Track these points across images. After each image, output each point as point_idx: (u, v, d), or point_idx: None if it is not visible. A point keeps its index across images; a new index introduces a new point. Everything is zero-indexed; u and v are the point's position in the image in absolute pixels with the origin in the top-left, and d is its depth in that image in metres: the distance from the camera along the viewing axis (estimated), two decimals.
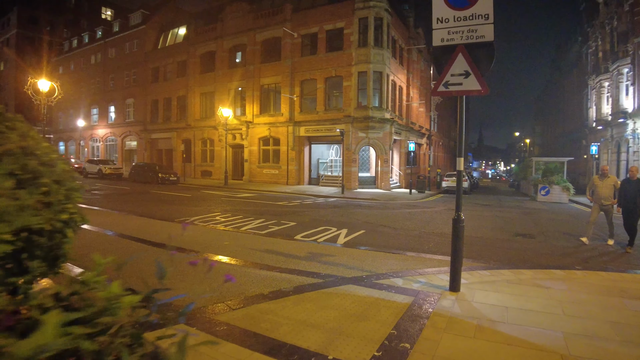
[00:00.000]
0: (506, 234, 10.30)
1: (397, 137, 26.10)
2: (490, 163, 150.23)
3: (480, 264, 6.57)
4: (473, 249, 7.94)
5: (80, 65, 44.85)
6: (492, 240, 9.20)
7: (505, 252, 7.92)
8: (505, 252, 7.92)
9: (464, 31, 4.62)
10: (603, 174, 8.82)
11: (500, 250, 8.10)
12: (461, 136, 4.85)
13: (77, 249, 5.60)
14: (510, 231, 10.74)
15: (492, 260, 7.03)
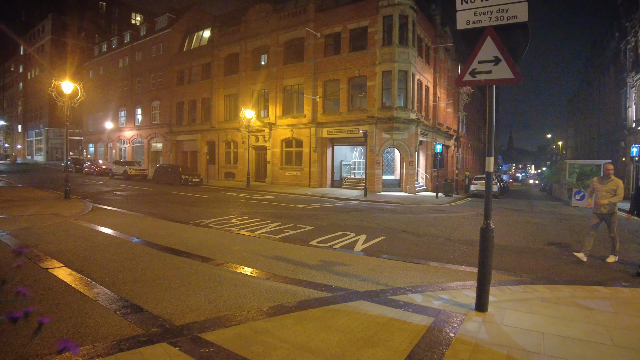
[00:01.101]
0: (539, 242, 9.47)
1: (423, 138, 25.24)
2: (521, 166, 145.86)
3: (511, 278, 5.89)
4: (503, 260, 7.23)
5: (109, 69, 45.93)
6: (523, 250, 8.43)
7: (539, 264, 7.17)
8: (539, 264, 7.17)
9: (492, 11, 4.01)
10: (606, 175, 7.47)
11: (533, 261, 7.35)
12: (491, 132, 4.22)
13: (73, 251, 5.18)
14: (543, 239, 9.89)
15: (525, 273, 6.31)
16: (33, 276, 5.36)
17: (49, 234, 8.42)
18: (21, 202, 13.97)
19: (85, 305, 4.26)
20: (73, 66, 47.66)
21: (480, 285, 4.13)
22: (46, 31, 55.63)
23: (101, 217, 11.19)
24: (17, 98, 65.73)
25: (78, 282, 5.09)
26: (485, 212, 4.15)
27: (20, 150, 64.51)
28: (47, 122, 53.62)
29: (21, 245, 4.29)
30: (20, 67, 65.01)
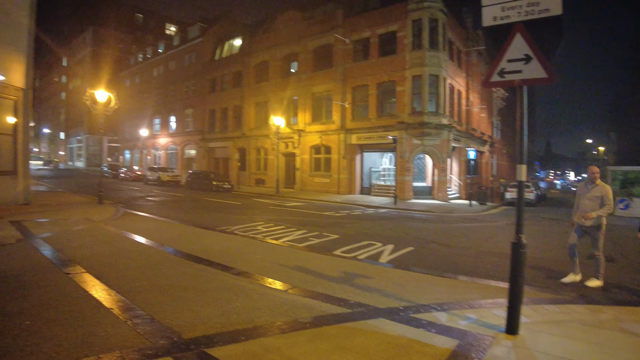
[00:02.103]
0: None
1: (455, 144, 24.50)
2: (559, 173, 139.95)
3: (546, 295, 5.44)
4: (538, 275, 6.75)
5: (145, 77, 47.50)
6: (561, 263, 7.85)
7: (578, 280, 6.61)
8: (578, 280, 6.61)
9: (522, 5, 3.68)
10: (591, 179, 6.23)
11: None
12: (522, 138, 3.86)
13: (96, 257, 5.17)
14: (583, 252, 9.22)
15: (562, 290, 5.82)
16: (54, 281, 5.40)
17: (77, 238, 8.58)
18: (58, 206, 14.45)
19: (98, 314, 4.20)
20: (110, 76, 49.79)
21: (511, 306, 3.77)
22: (87, 43, 58.27)
23: (130, 223, 11.36)
24: (60, 107, 69.06)
25: (96, 288, 5.06)
26: (517, 225, 3.79)
27: (63, 156, 67.63)
28: (87, 130, 55.98)
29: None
30: (63, 78, 68.32)
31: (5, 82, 13.43)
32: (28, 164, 15.21)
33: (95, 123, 48.87)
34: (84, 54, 58.90)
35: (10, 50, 14.05)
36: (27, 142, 15.07)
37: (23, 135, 14.69)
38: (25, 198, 14.64)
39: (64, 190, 22.00)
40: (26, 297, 4.69)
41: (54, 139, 72.03)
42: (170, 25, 65.63)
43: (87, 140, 57.86)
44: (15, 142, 14.44)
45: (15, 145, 14.45)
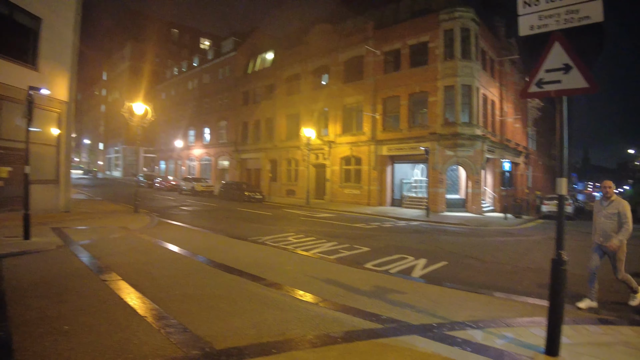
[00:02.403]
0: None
1: (489, 155, 23.90)
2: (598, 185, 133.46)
3: (588, 315, 5.16)
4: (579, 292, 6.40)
5: (180, 90, 49.04)
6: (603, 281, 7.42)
7: (621, 298, 6.22)
8: (621, 298, 6.22)
9: (560, 13, 3.57)
10: (604, 194, 5.74)
11: (615, 296, 6.40)
12: (562, 150, 3.72)
13: (132, 265, 5.34)
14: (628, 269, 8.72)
15: (605, 310, 5.51)
16: (92, 287, 5.59)
17: (113, 246, 8.88)
18: (96, 214, 15.03)
19: (132, 321, 4.31)
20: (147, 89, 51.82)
21: (551, 326, 3.59)
22: (125, 58, 61.01)
23: (164, 232, 11.64)
24: (99, 119, 72.34)
25: (131, 296, 5.20)
26: (557, 241, 3.63)
27: (101, 166, 70.58)
28: (124, 141, 58.25)
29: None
30: (103, 91, 71.74)
31: (50, 95, 14.17)
32: (69, 173, 15.96)
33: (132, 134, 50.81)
34: (123, 68, 61.63)
35: (56, 66, 14.87)
36: (69, 153, 15.82)
37: (65, 146, 15.46)
38: (66, 206, 15.33)
39: (101, 199, 22.87)
40: (65, 302, 4.87)
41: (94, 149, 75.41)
42: (205, 40, 67.83)
43: (124, 151, 60.18)
44: (58, 153, 15.21)
45: (58, 156, 15.21)
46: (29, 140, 9.51)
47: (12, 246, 8.15)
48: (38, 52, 14.15)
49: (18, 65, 13.36)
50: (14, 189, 13.19)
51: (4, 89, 12.77)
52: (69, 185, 15.75)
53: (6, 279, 5.84)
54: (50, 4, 14.52)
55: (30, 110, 9.43)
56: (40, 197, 14.19)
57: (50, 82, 14.38)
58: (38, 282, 5.73)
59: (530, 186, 31.62)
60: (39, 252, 7.84)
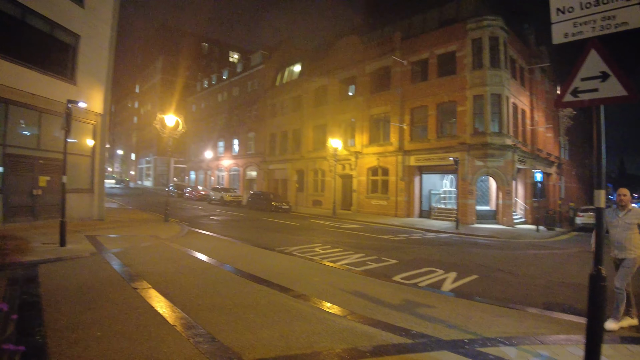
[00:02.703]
0: None
1: (520, 165, 23.27)
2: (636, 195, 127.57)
3: (630, 332, 4.89)
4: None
5: (209, 103, 50.21)
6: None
7: None
8: None
9: (596, 20, 3.46)
10: (620, 204, 5.32)
11: None
12: (599, 160, 3.58)
13: (162, 273, 5.46)
14: None
15: None
16: (123, 294, 5.73)
17: (144, 254, 9.10)
18: (128, 223, 15.47)
19: (162, 329, 4.38)
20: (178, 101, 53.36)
21: (590, 345, 3.43)
22: (157, 71, 63.15)
23: (193, 241, 11.85)
24: (132, 130, 74.92)
25: (161, 304, 5.30)
26: (596, 256, 3.48)
27: (133, 176, 72.82)
28: (156, 152, 59.97)
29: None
30: (136, 103, 74.43)
31: (87, 108, 14.81)
32: (103, 183, 16.55)
33: (163, 145, 52.39)
34: (155, 81, 63.74)
35: (92, 80, 15.56)
36: (102, 163, 16.43)
37: (99, 156, 16.07)
38: (99, 214, 15.87)
39: (133, 208, 23.53)
40: (98, 309, 5.01)
41: (126, 160, 78.00)
42: (234, 53, 69.42)
43: (155, 161, 61.93)
44: (92, 163, 15.82)
45: (93, 166, 15.82)
46: (66, 151, 9.93)
47: (48, 252, 8.51)
48: (76, 67, 14.87)
49: (58, 80, 14.07)
50: (51, 197, 13.79)
51: (45, 102, 13.44)
52: (102, 194, 16.32)
53: (43, 284, 6.08)
54: (89, 22, 15.26)
55: (68, 123, 9.87)
56: (76, 205, 14.76)
57: (87, 95, 15.05)
58: (72, 289, 5.92)
59: (563, 197, 30.54)
60: (73, 259, 8.14)
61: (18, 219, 12.79)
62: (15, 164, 12.79)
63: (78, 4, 14.82)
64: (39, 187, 13.55)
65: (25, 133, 13.42)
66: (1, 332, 2.48)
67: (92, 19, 15.44)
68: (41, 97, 13.33)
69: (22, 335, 4.00)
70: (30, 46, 13.21)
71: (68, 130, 9.94)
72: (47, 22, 13.58)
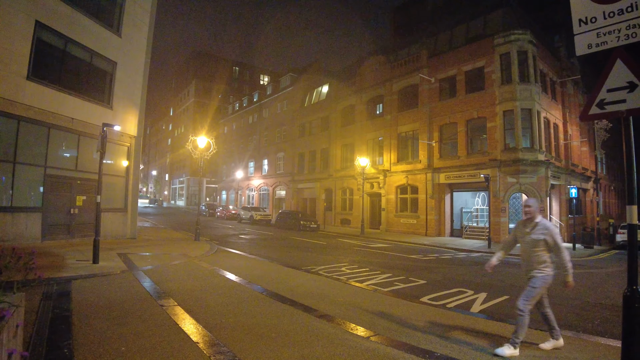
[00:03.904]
0: None
1: (554, 181, 22.46)
2: None
3: None
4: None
5: (241, 124, 51.45)
6: None
7: None
8: None
9: (621, 29, 3.36)
10: (526, 216, 4.84)
11: None
12: (630, 174, 3.41)
13: (189, 291, 5.54)
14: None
15: None
16: (150, 311, 5.83)
17: (173, 272, 9.26)
18: (159, 241, 15.83)
19: (184, 346, 4.43)
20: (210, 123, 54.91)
21: None
22: (190, 95, 65.49)
23: (222, 259, 11.97)
24: (166, 151, 77.51)
25: (185, 322, 5.36)
26: (630, 275, 3.28)
27: (166, 195, 74.82)
28: (189, 172, 61.63)
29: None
30: (170, 126, 77.17)
31: (121, 131, 15.46)
32: (136, 202, 17.08)
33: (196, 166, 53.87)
34: (188, 104, 66.03)
35: (127, 104, 16.26)
36: (136, 183, 16.99)
37: (133, 177, 16.65)
38: (132, 233, 16.34)
39: (165, 227, 24.09)
40: (124, 325, 5.12)
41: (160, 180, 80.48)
42: (264, 76, 71.23)
43: (188, 181, 63.58)
44: (126, 183, 16.39)
45: (127, 186, 16.39)
46: (101, 172, 10.35)
47: (82, 269, 8.81)
48: (112, 92, 15.64)
49: (95, 105, 14.82)
50: (87, 216, 14.37)
51: (82, 125, 14.13)
52: (135, 213, 16.83)
53: (74, 299, 6.28)
54: (124, 49, 16.07)
55: (103, 145, 10.30)
56: (110, 224, 15.29)
57: (122, 118, 15.75)
58: (102, 304, 6.09)
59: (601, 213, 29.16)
60: (105, 276, 8.38)
61: (56, 237, 13.38)
62: (54, 184, 13.46)
63: (115, 33, 15.66)
64: (75, 206, 14.15)
65: (64, 155, 14.12)
66: None
67: (127, 47, 16.25)
68: (80, 121, 14.05)
69: (51, 348, 4.13)
70: (71, 73, 14.03)
71: (103, 152, 10.37)
72: (87, 50, 14.39)
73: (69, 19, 13.52)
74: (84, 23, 14.10)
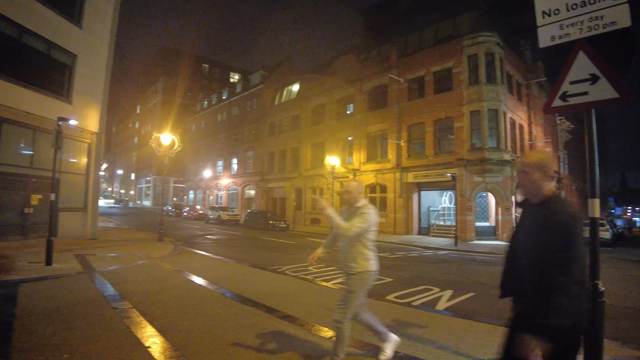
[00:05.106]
0: None
1: None
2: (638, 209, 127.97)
3: (631, 352, 4.60)
4: (620, 326, 5.84)
5: (209, 123, 50.51)
6: None
7: None
8: None
9: (583, 21, 3.30)
10: (347, 196, 3.98)
11: None
12: (592, 168, 3.36)
13: (147, 293, 5.17)
14: None
15: None
16: (101, 315, 5.47)
17: (132, 274, 8.83)
18: (121, 242, 15.20)
19: (134, 352, 4.15)
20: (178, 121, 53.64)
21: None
22: (158, 92, 63.84)
23: (186, 260, 11.55)
24: (132, 150, 75.27)
25: (138, 325, 5.05)
26: (591, 270, 3.23)
27: (132, 195, 72.69)
28: (155, 171, 60.17)
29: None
30: (136, 124, 75.10)
31: (81, 126, 14.72)
32: (97, 202, 16.33)
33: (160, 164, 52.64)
34: (155, 102, 64.34)
35: (88, 99, 15.50)
36: (97, 182, 16.24)
37: (94, 175, 15.89)
38: (92, 233, 15.61)
39: (129, 227, 23.27)
40: (71, 330, 4.76)
41: (126, 180, 78.14)
42: (234, 74, 70.30)
43: (154, 181, 61.98)
44: (87, 182, 15.63)
45: (87, 184, 15.63)
46: (55, 169, 9.77)
47: (32, 271, 8.26)
48: (72, 86, 14.84)
49: (53, 99, 14.02)
50: (43, 216, 13.59)
51: (39, 121, 13.35)
52: (96, 213, 16.09)
53: (20, 304, 5.83)
54: (86, 42, 15.30)
55: (58, 140, 9.72)
56: (68, 224, 14.53)
57: (83, 114, 15.00)
58: (50, 308, 5.66)
59: None
60: (57, 278, 7.88)
61: (8, 238, 12.58)
62: (7, 183, 12.65)
63: (76, 25, 14.89)
64: (30, 205, 13.36)
65: (19, 151, 13.29)
66: None
67: (89, 39, 15.49)
68: (36, 116, 13.25)
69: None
70: (26, 65, 13.20)
71: (58, 148, 9.79)
72: (44, 41, 13.60)
73: (25, 6, 12.73)
74: (41, 12, 13.30)
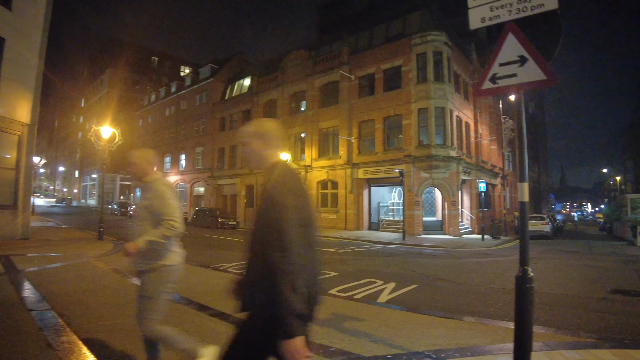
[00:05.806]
0: (601, 290, 8.00)
1: (465, 177, 23.83)
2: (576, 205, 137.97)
3: (565, 338, 4.69)
4: (555, 313, 5.99)
5: (157, 117, 48.51)
6: (581, 299, 7.07)
7: (601, 317, 5.85)
8: (601, 317, 5.85)
9: (512, 3, 3.24)
10: (133, 169, 3.30)
11: (593, 314, 6.03)
12: (522, 151, 3.33)
13: (71, 293, 4.59)
14: (606, 286, 8.37)
15: (583, 331, 5.07)
16: (13, 318, 4.94)
17: (61, 274, 8.19)
18: (56, 241, 14.16)
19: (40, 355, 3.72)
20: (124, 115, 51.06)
21: (518, 352, 3.10)
22: (104, 85, 60.52)
23: (123, 259, 10.86)
24: (76, 146, 70.86)
25: (53, 328, 4.54)
26: (521, 256, 3.18)
27: (76, 194, 68.56)
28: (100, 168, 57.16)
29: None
30: (81, 118, 70.60)
31: (10, 117, 13.50)
32: (29, 198, 15.06)
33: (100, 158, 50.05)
34: (101, 95, 61.00)
35: (17, 87, 14.19)
36: (29, 177, 14.94)
37: (25, 170, 14.58)
38: (24, 233, 14.35)
39: (69, 227, 21.88)
40: None
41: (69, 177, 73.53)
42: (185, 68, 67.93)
43: (100, 179, 58.76)
44: (17, 177, 14.31)
45: (17, 180, 14.31)
46: None
47: None
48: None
49: None
50: None
51: None
52: (28, 211, 14.82)
53: None
54: (15, 25, 13.97)
55: None
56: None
57: (11, 104, 13.73)
58: None
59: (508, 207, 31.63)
60: None
61: None
62: None
63: (4, 5, 13.56)
64: None
65: None
66: None
67: (19, 22, 14.14)
68: None
69: None
70: None
71: None
72: None
73: None
74: None
